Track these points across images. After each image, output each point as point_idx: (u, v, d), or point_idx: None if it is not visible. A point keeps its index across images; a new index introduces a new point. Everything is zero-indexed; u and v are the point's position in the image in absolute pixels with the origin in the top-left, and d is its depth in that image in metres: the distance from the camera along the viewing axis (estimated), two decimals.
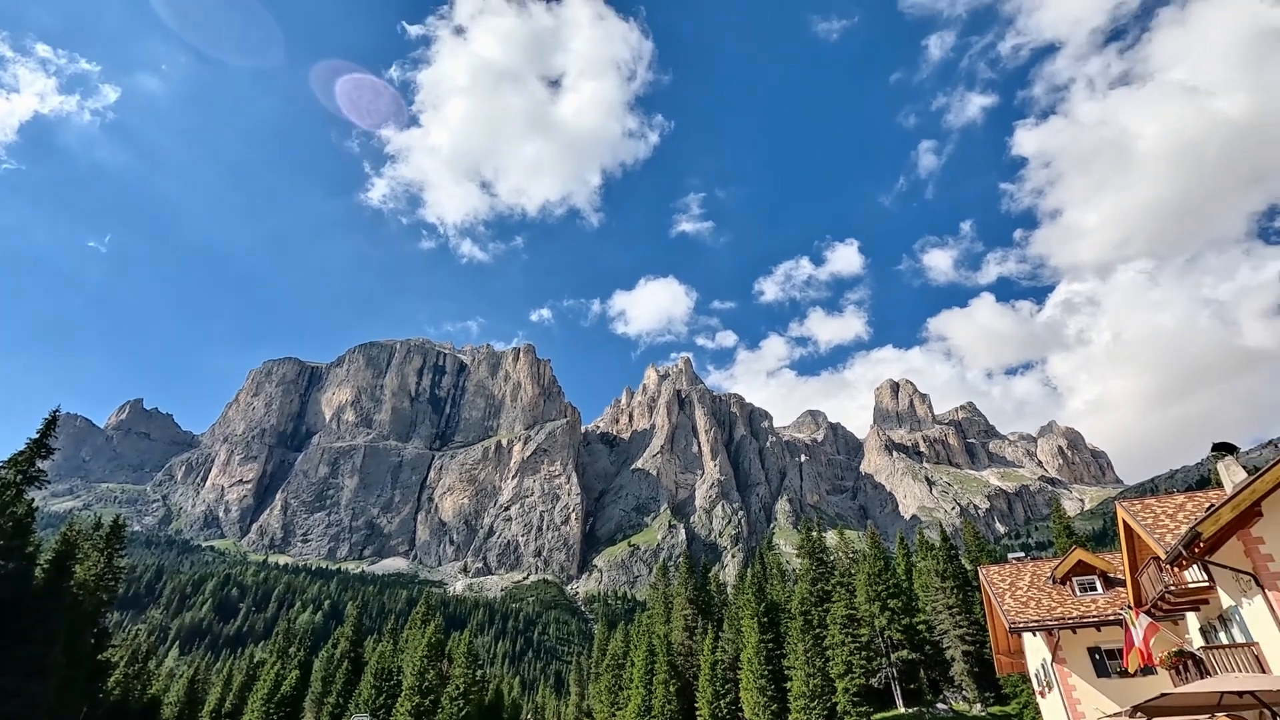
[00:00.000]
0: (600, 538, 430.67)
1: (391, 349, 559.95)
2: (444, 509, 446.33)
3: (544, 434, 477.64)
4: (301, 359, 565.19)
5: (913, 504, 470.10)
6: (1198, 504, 27.38)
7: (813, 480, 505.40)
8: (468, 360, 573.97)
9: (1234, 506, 21.10)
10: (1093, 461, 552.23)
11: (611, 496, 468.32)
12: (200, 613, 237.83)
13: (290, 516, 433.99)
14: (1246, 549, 21.31)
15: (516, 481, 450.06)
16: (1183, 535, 22.40)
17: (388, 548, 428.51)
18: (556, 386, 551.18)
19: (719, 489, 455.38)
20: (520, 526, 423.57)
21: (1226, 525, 21.29)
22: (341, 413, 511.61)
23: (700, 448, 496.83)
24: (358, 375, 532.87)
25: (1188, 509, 27.28)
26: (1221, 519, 21.19)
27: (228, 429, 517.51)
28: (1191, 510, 27.03)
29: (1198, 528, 21.44)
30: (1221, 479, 25.08)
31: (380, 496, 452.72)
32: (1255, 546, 21.09)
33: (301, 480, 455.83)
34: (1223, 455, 24.90)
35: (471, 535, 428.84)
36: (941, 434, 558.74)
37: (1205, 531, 21.40)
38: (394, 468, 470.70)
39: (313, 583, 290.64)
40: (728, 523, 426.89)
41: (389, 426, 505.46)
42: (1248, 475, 22.73)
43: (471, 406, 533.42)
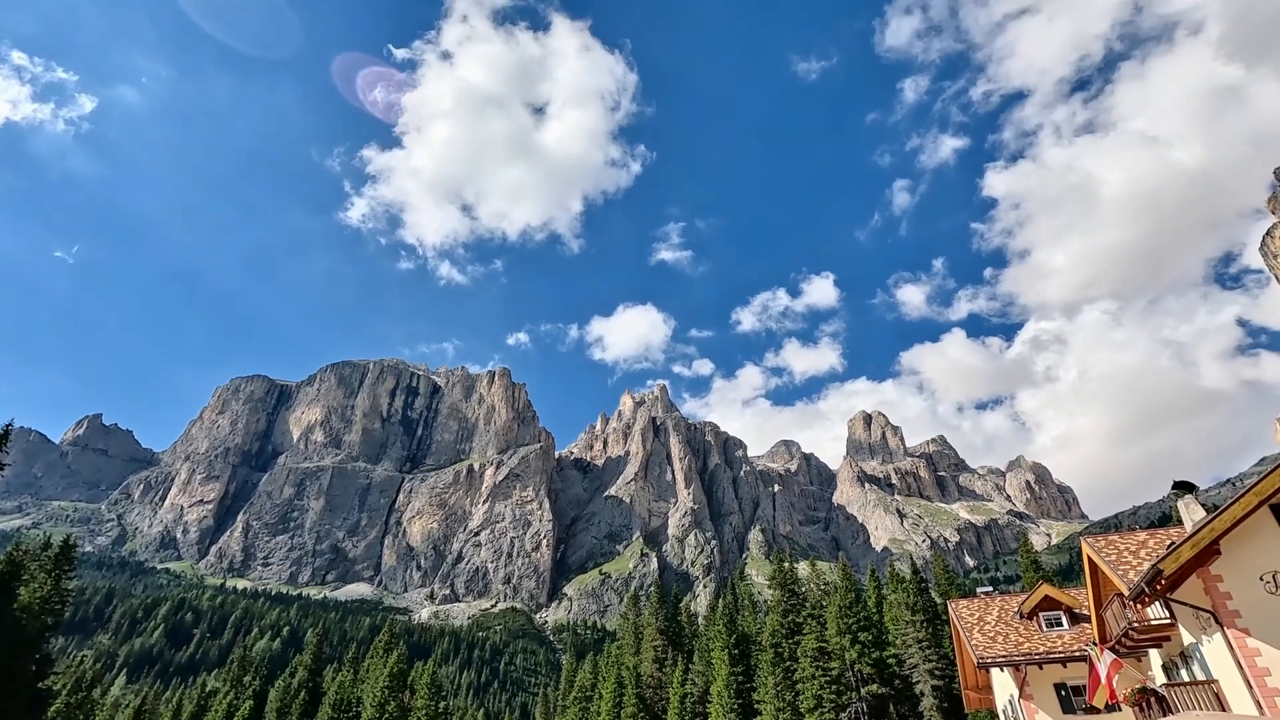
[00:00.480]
0: (571, 565, 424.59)
1: (364, 369, 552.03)
2: (412, 533, 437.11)
3: (517, 459, 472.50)
4: (271, 377, 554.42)
5: (884, 536, 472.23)
6: (1159, 541, 27.95)
7: (786, 510, 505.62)
8: (442, 382, 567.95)
9: (1193, 545, 21.56)
10: (1059, 496, 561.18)
11: (584, 523, 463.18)
12: (151, 639, 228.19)
13: (251, 539, 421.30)
14: (1206, 587, 21.73)
15: (488, 506, 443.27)
16: (1145, 572, 22.80)
17: (352, 573, 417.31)
18: (531, 411, 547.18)
19: (692, 518, 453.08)
20: (490, 553, 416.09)
21: (1186, 563, 21.73)
22: (310, 432, 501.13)
23: (674, 476, 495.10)
24: (329, 395, 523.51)
25: (1150, 546, 27.83)
26: (1181, 557, 21.62)
27: (190, 447, 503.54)
28: (1153, 547, 27.56)
29: (1159, 565, 21.83)
30: (1182, 517, 25.68)
31: (347, 519, 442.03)
32: (1214, 584, 21.52)
33: (265, 501, 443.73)
34: (1183, 494, 25.52)
35: (440, 561, 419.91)
36: (913, 466, 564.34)
37: (1166, 569, 21.81)
38: (362, 490, 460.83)
39: (272, 608, 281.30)
40: (700, 552, 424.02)
41: (359, 448, 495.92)
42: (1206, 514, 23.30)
43: (444, 429, 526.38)
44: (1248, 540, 21.84)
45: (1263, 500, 21.87)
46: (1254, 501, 21.74)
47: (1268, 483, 21.87)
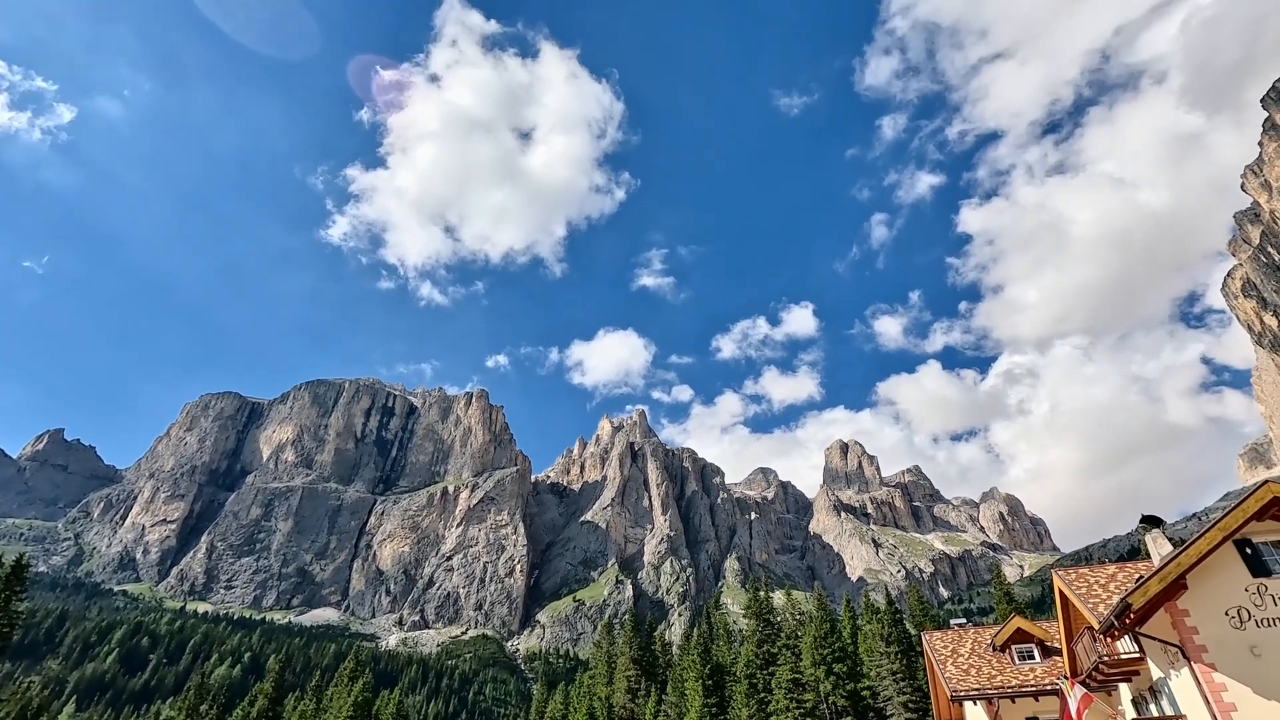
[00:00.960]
0: (545, 592, 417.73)
1: (340, 387, 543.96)
2: (382, 557, 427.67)
3: (492, 482, 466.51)
4: (243, 394, 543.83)
5: (859, 565, 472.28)
6: (1128, 575, 28.29)
7: (762, 538, 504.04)
8: (418, 403, 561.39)
9: (1161, 579, 21.86)
10: (1031, 528, 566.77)
11: (559, 549, 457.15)
12: (104, 664, 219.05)
13: (215, 560, 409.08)
14: (1174, 621, 21.98)
15: (461, 530, 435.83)
16: (1114, 606, 23.02)
17: (319, 597, 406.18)
18: (508, 434, 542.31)
19: (668, 545, 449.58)
20: (462, 578, 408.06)
21: (1154, 597, 21.99)
22: (281, 451, 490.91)
23: (651, 502, 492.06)
24: (302, 413, 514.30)
25: (1119, 579, 28.16)
26: (1149, 591, 21.89)
27: (156, 464, 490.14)
28: (1122, 581, 27.89)
29: (1128, 599, 22.07)
30: (1150, 551, 26.05)
31: (315, 542, 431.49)
32: (1181, 619, 21.78)
33: (231, 522, 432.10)
34: (1150, 528, 25.93)
35: (410, 586, 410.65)
36: (889, 496, 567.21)
37: (1135, 603, 22.04)
38: (332, 512, 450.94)
39: (233, 633, 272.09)
40: (676, 580, 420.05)
41: (331, 468, 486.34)
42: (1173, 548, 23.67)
43: (419, 450, 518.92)
44: (1213, 575, 22.20)
45: (1227, 535, 22.30)
46: (1219, 537, 22.16)
47: (1231, 518, 22.32)
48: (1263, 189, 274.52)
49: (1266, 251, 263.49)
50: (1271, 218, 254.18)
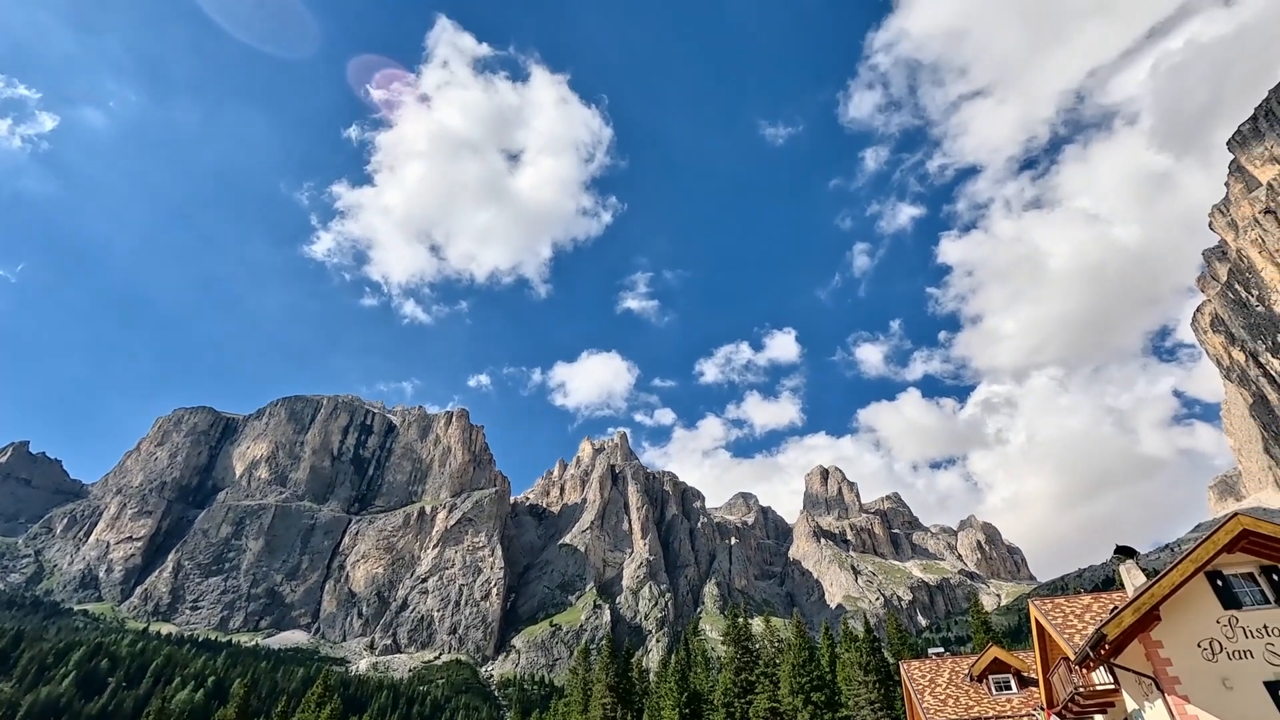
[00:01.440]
0: (521, 616, 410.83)
1: (318, 404, 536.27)
2: (355, 578, 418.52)
3: (471, 503, 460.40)
4: (217, 409, 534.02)
5: (839, 592, 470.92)
6: (1103, 605, 28.51)
7: (742, 564, 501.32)
8: (398, 421, 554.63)
9: (1135, 610, 22.05)
10: (1008, 557, 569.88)
11: (536, 572, 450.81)
12: (60, 687, 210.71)
13: (182, 580, 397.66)
14: (1147, 652, 22.15)
15: (437, 552, 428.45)
16: (1089, 637, 23.15)
17: (288, 619, 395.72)
18: (488, 454, 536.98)
19: (648, 569, 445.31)
20: (437, 600, 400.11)
21: (1129, 628, 22.16)
22: (255, 468, 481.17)
23: (631, 525, 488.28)
24: (278, 430, 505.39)
25: (1094, 610, 28.35)
26: (1124, 622, 22.06)
27: (123, 480, 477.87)
28: (1097, 611, 28.08)
29: (1103, 629, 22.22)
30: (1124, 581, 26.31)
31: (287, 562, 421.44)
32: (1155, 650, 21.95)
33: (200, 540, 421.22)
34: (1124, 559, 26.22)
35: (383, 608, 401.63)
36: (868, 523, 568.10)
37: (1110, 634, 22.19)
38: (305, 531, 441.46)
39: (198, 656, 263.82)
40: (654, 605, 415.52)
41: (305, 486, 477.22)
42: (1147, 579, 23.92)
43: (397, 470, 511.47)
44: (1186, 606, 22.45)
45: (1199, 567, 22.61)
46: (1191, 568, 22.46)
47: (1203, 550, 22.66)
48: (1229, 228, 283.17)
49: (1234, 288, 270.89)
50: (1238, 256, 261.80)
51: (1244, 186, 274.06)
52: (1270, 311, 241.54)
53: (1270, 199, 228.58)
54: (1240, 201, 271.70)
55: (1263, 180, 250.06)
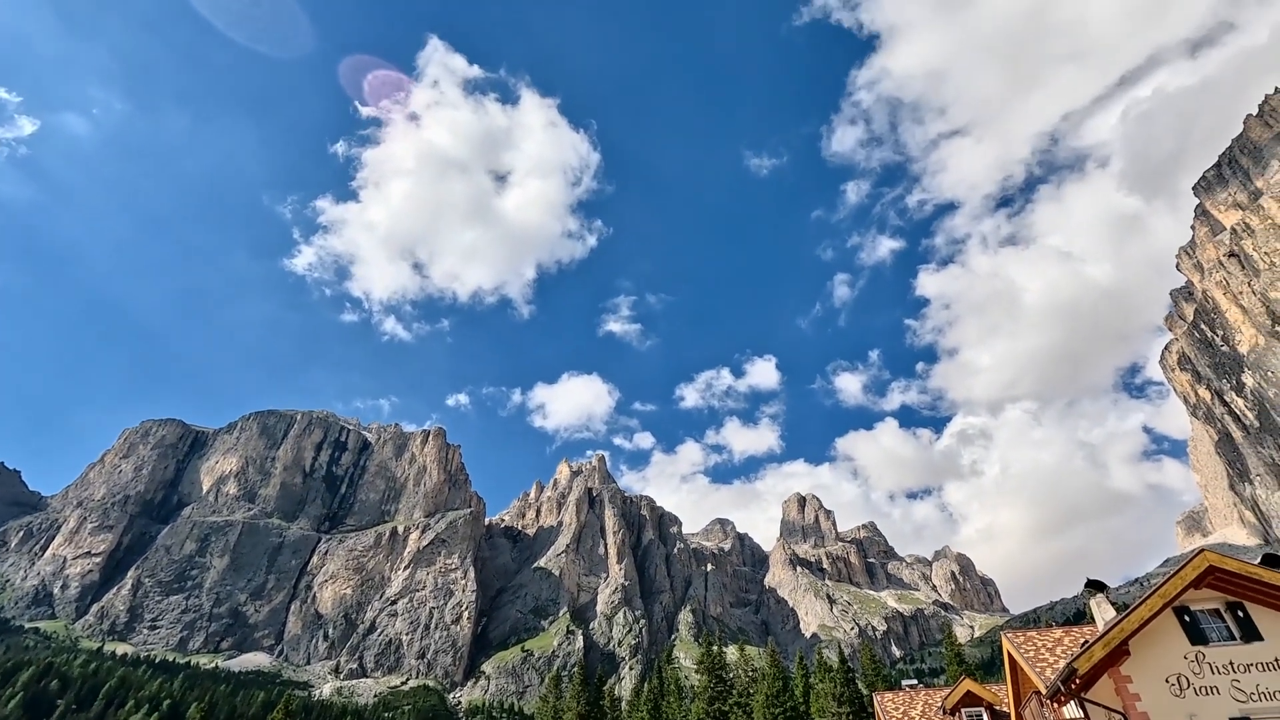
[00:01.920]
0: (492, 640, 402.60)
1: (291, 419, 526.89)
2: (323, 599, 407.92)
3: (445, 523, 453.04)
4: (187, 422, 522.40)
5: (814, 622, 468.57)
6: (1074, 639, 28.71)
7: (717, 591, 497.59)
8: (373, 438, 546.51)
9: (1105, 644, 22.23)
10: (982, 589, 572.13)
11: (509, 595, 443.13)
12: (7, 708, 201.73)
13: (141, 598, 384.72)
14: (1117, 687, 22.29)
15: (409, 573, 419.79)
16: (1061, 671, 23.27)
17: (251, 640, 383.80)
18: (464, 474, 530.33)
19: (623, 594, 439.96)
20: (406, 623, 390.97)
21: (1099, 663, 22.32)
22: (223, 484, 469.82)
23: (607, 550, 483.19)
24: (249, 444, 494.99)
25: (1065, 643, 28.53)
26: (1094, 656, 22.22)
27: (85, 492, 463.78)
28: (1068, 645, 28.26)
29: (1074, 664, 22.35)
30: (1094, 615, 26.55)
31: (252, 581, 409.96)
32: (1124, 685, 22.10)
33: (162, 556, 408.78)
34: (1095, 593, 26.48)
35: (350, 630, 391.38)
36: (844, 551, 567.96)
37: (1080, 668, 22.33)
38: (273, 549, 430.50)
39: (154, 677, 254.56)
40: (628, 631, 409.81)
41: (275, 503, 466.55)
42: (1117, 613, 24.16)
43: (370, 488, 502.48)
44: (1154, 642, 22.68)
45: (1167, 602, 22.91)
46: (1159, 603, 22.75)
47: (1170, 585, 22.98)
48: (1195, 269, 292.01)
49: (1200, 328, 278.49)
50: (1204, 297, 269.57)
51: (1209, 230, 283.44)
52: (1234, 351, 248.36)
53: (1234, 243, 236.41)
54: (1205, 244, 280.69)
55: (1226, 225, 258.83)
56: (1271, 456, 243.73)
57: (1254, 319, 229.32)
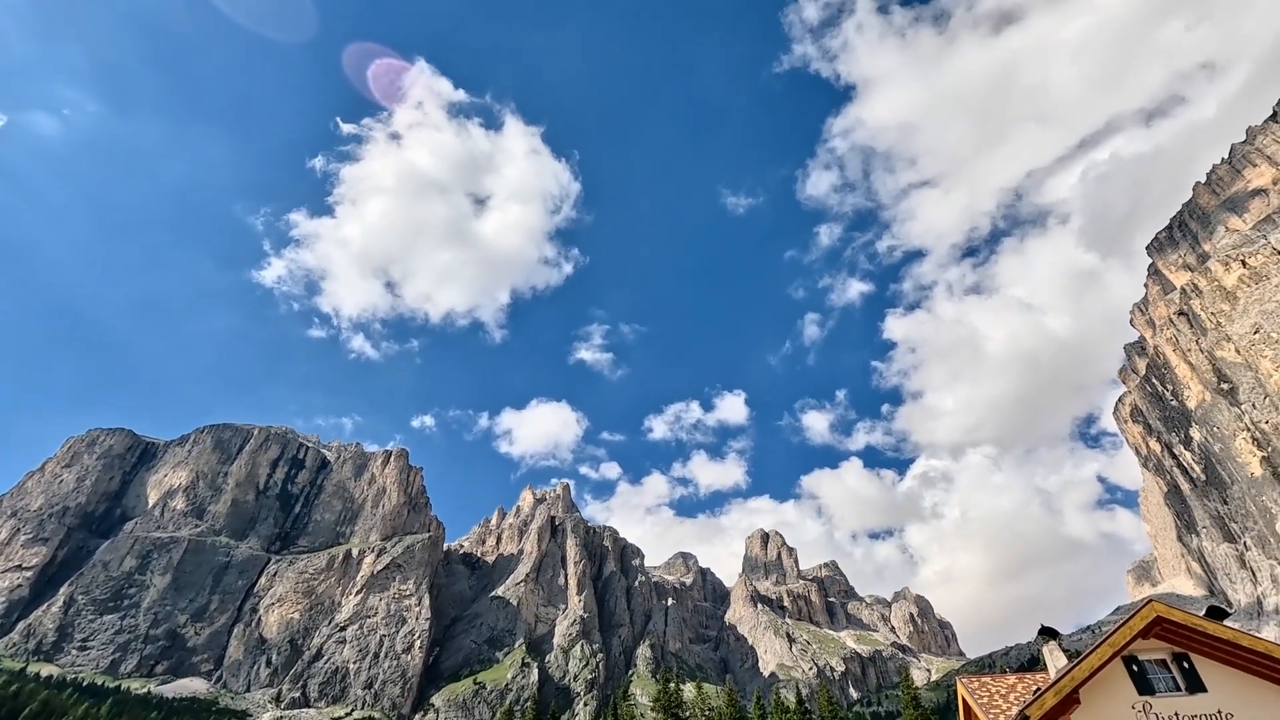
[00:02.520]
0: (444, 671, 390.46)
1: (248, 434, 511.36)
2: (269, 623, 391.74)
3: (401, 547, 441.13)
4: (137, 432, 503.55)
5: (773, 660, 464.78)
6: (1027, 685, 28.99)
7: (677, 626, 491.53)
8: (332, 457, 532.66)
9: (1056, 692, 22.50)
10: (940, 631, 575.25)
11: (464, 625, 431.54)
12: None
13: (72, 616, 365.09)
14: None
15: (361, 598, 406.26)
16: (1014, 718, 23.43)
17: (188, 665, 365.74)
18: (425, 498, 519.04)
19: (581, 627, 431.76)
20: (355, 651, 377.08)
21: (1050, 710, 22.55)
22: (170, 498, 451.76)
23: (567, 580, 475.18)
24: (201, 458, 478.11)
25: (1018, 690, 28.79)
26: (1046, 704, 22.45)
27: (20, 502, 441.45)
28: (1022, 691, 28.53)
29: (1025, 711, 22.55)
30: (1047, 662, 26.90)
31: (194, 601, 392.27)
32: None
33: (98, 573, 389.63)
34: (1047, 640, 26.86)
35: (295, 657, 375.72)
36: (805, 589, 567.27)
37: (1032, 716, 22.53)
38: (219, 569, 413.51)
39: (80, 701, 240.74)
40: (585, 665, 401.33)
41: (224, 520, 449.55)
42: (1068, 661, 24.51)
43: (326, 508, 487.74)
44: (1104, 691, 23.02)
45: (1116, 651, 23.33)
46: (1108, 652, 23.15)
47: (1120, 634, 23.43)
48: (1148, 325, 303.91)
49: (1151, 382, 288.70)
50: (1155, 352, 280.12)
51: (1160, 289, 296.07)
52: (1183, 406, 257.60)
53: (1183, 302, 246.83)
54: (1157, 302, 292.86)
55: (1177, 284, 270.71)
56: (1216, 509, 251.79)
57: (1201, 376, 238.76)
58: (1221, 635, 23.36)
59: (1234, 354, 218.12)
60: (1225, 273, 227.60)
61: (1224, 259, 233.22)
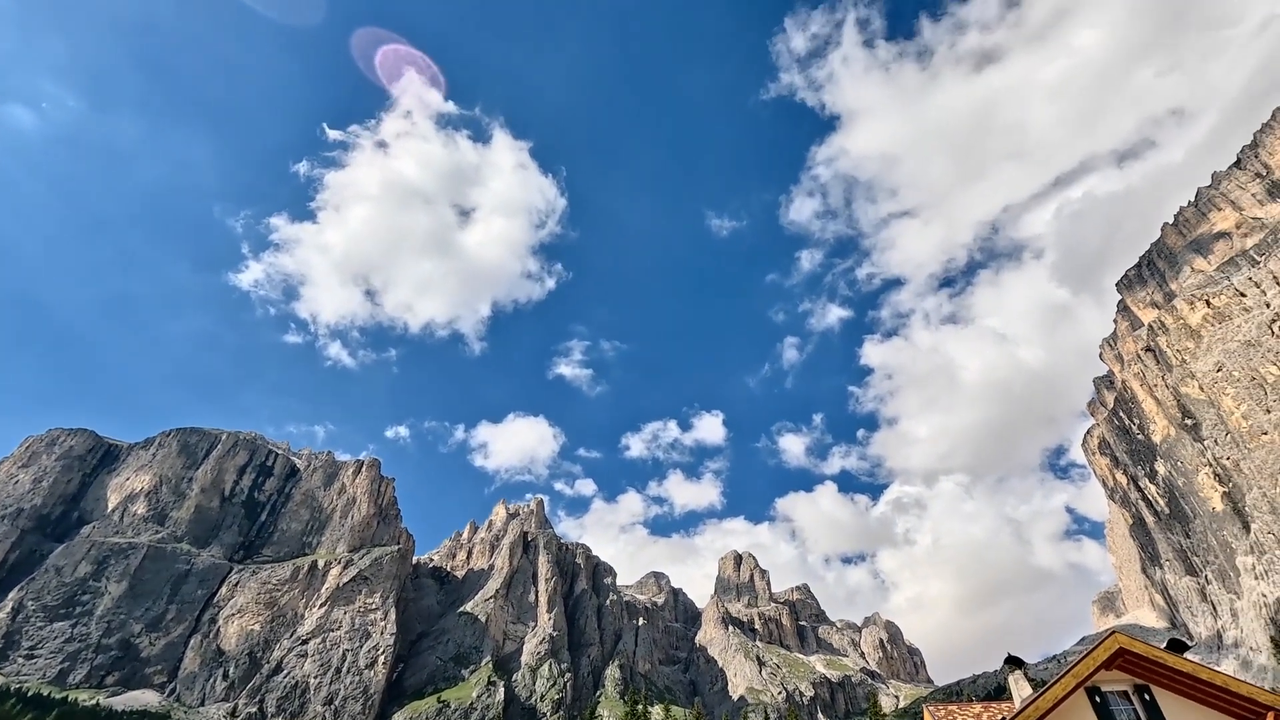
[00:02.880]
0: (407, 688, 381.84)
1: (215, 439, 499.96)
2: (227, 634, 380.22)
3: (369, 559, 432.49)
4: (100, 434, 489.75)
5: (742, 683, 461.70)
6: (992, 715, 29.10)
7: (647, 646, 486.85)
8: (302, 465, 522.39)
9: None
10: (909, 658, 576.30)
11: (431, 640, 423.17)
12: None
13: (20, 623, 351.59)
14: None
15: (325, 611, 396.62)
16: None
17: (140, 676, 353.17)
18: (396, 509, 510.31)
19: (550, 645, 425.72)
20: (316, 665, 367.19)
21: None
22: (131, 502, 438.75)
23: (538, 597, 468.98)
24: (165, 462, 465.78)
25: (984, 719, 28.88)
26: None
27: None
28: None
29: None
30: (1012, 692, 27.06)
31: (150, 610, 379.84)
32: None
33: (51, 578, 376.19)
34: (1013, 669, 27.05)
35: (254, 670, 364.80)
36: (776, 613, 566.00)
37: None
38: (178, 577, 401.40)
39: (24, 712, 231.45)
40: (553, 685, 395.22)
41: (186, 527, 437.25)
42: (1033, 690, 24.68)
43: (293, 517, 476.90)
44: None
45: (1079, 682, 23.53)
46: (1072, 683, 23.35)
47: (1083, 665, 23.66)
48: (1116, 360, 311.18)
49: (1119, 416, 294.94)
50: (1123, 386, 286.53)
51: (1129, 325, 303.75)
52: (1149, 440, 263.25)
53: (1150, 339, 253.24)
54: (1126, 338, 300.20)
55: (1144, 321, 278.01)
56: (1179, 543, 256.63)
57: (1166, 411, 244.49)
58: (1182, 668, 23.69)
59: (1198, 391, 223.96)
60: (1191, 312, 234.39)
61: (1189, 298, 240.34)
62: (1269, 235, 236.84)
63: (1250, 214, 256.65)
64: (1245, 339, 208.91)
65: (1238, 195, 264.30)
